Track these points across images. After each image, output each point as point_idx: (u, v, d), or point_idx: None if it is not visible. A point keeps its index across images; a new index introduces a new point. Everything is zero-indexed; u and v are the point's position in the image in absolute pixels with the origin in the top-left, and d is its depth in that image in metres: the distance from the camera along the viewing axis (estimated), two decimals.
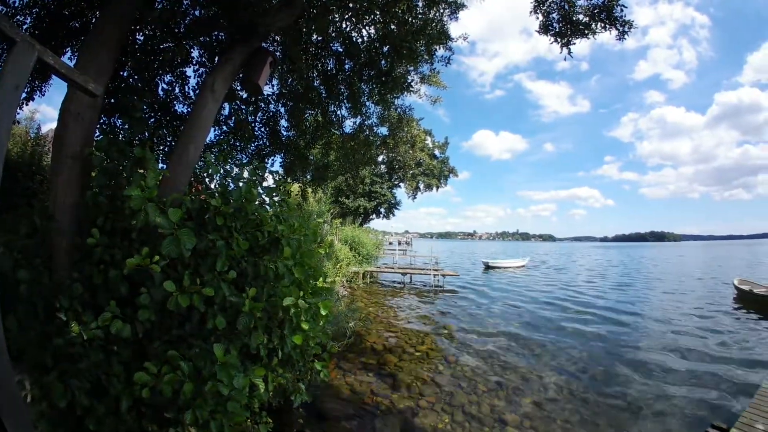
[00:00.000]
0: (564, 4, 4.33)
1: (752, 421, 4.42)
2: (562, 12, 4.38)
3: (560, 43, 4.50)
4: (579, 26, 4.32)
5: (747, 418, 4.54)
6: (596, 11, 4.19)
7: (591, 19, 4.25)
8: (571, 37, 4.43)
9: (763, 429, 4.24)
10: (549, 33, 4.58)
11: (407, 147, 10.08)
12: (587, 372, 7.34)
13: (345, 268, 15.06)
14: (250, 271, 2.96)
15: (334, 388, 6.00)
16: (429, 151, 27.55)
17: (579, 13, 4.33)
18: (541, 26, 4.62)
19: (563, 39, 4.47)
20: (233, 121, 5.80)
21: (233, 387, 2.28)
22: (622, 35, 4.20)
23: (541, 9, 4.51)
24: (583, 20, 4.31)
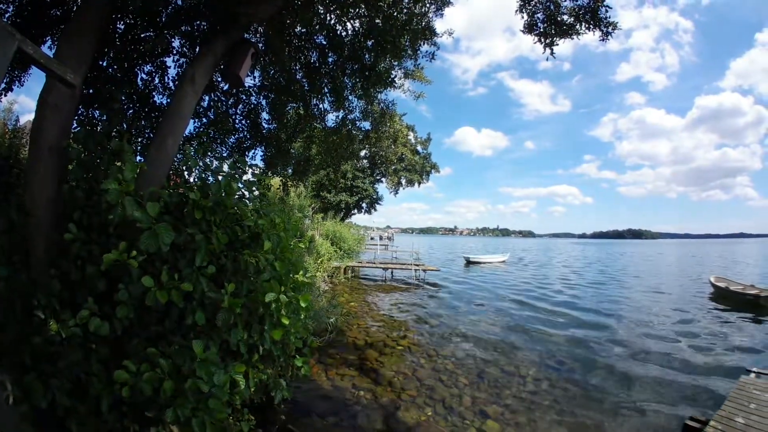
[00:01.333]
0: (549, 4, 4.37)
1: (731, 414, 4.48)
2: (548, 12, 4.42)
3: (544, 43, 4.54)
4: (563, 27, 4.37)
5: (725, 411, 4.59)
6: (581, 12, 4.24)
7: (575, 20, 4.30)
8: (556, 38, 4.48)
9: (742, 422, 4.30)
10: (533, 33, 4.62)
11: (390, 142, 10.04)
12: (566, 364, 7.56)
13: (326, 263, 15.00)
14: (230, 266, 2.91)
15: (316, 384, 5.99)
16: (411, 147, 27.62)
17: (564, 13, 4.38)
18: (525, 26, 4.65)
19: (547, 39, 4.51)
20: (213, 113, 5.65)
21: (213, 384, 2.25)
22: (605, 36, 4.27)
23: (527, 9, 4.54)
24: (567, 21, 4.36)
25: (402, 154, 23.89)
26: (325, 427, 4.65)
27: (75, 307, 2.37)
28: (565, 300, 15.16)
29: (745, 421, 4.32)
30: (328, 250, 16.27)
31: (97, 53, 3.89)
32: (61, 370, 2.33)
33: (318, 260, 13.55)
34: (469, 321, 11.09)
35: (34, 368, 2.33)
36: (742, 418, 4.39)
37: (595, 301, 15.21)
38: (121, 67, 4.52)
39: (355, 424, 4.82)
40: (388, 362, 7.20)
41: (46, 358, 2.33)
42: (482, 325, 10.58)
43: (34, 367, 2.33)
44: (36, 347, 2.31)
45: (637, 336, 9.76)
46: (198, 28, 4.87)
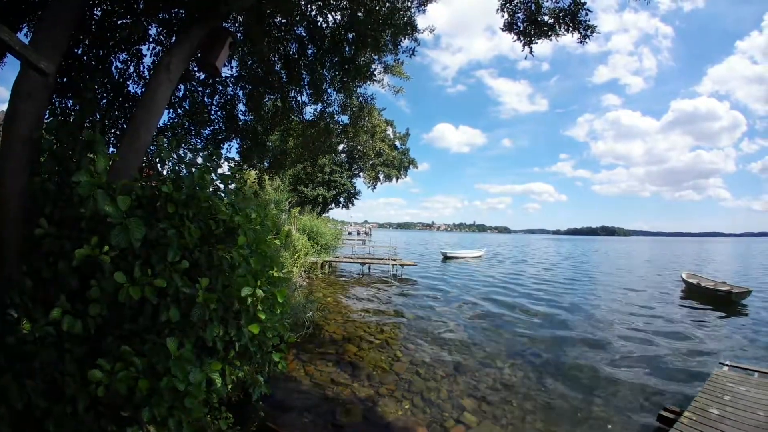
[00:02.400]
0: (531, 4, 4.44)
1: (705, 406, 4.61)
2: (528, 12, 4.49)
3: (523, 42, 4.62)
4: (543, 27, 4.45)
5: (700, 402, 4.71)
6: (561, 14, 4.32)
7: (555, 21, 4.39)
8: (535, 37, 4.56)
9: (717, 413, 4.41)
10: (513, 31, 4.69)
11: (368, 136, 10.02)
12: (542, 357, 7.78)
13: (303, 259, 14.85)
14: (204, 261, 2.84)
15: (294, 380, 5.94)
16: (390, 142, 27.62)
17: (544, 14, 4.46)
18: (505, 24, 4.71)
19: (526, 38, 4.59)
20: (188, 103, 5.46)
21: (189, 382, 2.19)
22: (584, 39, 4.37)
23: (507, 7, 4.60)
24: (547, 21, 4.44)
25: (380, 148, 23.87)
26: (304, 422, 4.63)
27: (48, 305, 2.27)
28: (540, 295, 15.59)
29: (719, 412, 4.44)
30: (305, 245, 16.10)
31: (73, 40, 3.72)
32: (35, 371, 2.24)
33: (295, 255, 13.39)
34: (445, 315, 11.25)
35: (9, 369, 2.23)
36: (716, 409, 4.51)
37: (569, 295, 15.71)
38: (96, 55, 4.33)
39: (334, 419, 4.81)
40: (366, 356, 7.23)
41: (21, 359, 2.23)
42: (459, 319, 10.76)
43: (9, 367, 2.23)
44: (10, 347, 2.21)
45: (610, 330, 10.09)
46: (176, 16, 4.71)
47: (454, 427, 4.83)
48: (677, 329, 10.36)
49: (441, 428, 4.80)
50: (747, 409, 4.50)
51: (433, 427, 4.82)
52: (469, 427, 4.87)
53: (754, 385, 5.13)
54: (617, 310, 12.81)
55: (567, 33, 4.44)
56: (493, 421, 5.04)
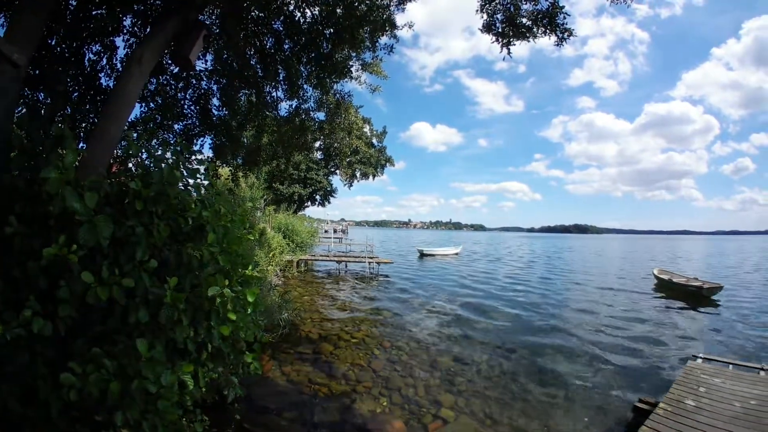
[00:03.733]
0: (510, 6, 4.51)
1: (681, 397, 4.68)
2: (507, 14, 4.56)
3: (501, 43, 4.69)
4: (521, 29, 4.53)
5: (674, 394, 4.78)
6: (539, 16, 4.41)
7: (533, 24, 4.47)
8: (513, 39, 4.63)
9: (693, 404, 4.48)
10: (491, 32, 4.75)
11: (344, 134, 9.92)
12: (518, 352, 7.94)
13: (278, 257, 14.62)
14: (173, 259, 2.74)
15: (271, 380, 5.84)
16: (367, 140, 27.53)
17: (523, 16, 4.53)
18: (484, 25, 4.77)
19: (504, 39, 4.66)
20: (161, 97, 5.25)
21: (161, 385, 2.12)
22: (561, 41, 4.48)
23: (487, 9, 4.65)
24: (525, 23, 4.52)
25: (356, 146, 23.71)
26: (281, 423, 4.56)
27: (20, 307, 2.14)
28: (515, 291, 15.92)
29: (695, 403, 4.53)
30: (280, 243, 15.86)
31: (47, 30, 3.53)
32: (9, 375, 2.11)
33: (269, 254, 13.17)
34: (422, 312, 11.34)
35: None
36: (692, 400, 4.60)
37: (543, 291, 16.13)
38: (70, 46, 4.13)
39: (311, 419, 4.76)
40: (343, 355, 7.19)
41: None
42: (435, 316, 10.87)
43: None
44: None
45: (583, 325, 10.34)
46: (151, 7, 4.53)
47: (432, 423, 4.86)
48: (650, 323, 10.64)
49: (419, 424, 4.83)
50: (723, 400, 4.59)
51: (411, 423, 4.84)
52: (447, 422, 4.92)
53: (729, 377, 5.27)
54: (590, 306, 13.13)
55: (545, 35, 4.54)
56: (470, 415, 5.11)
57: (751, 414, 4.26)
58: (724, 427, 3.97)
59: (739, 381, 5.17)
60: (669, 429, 3.96)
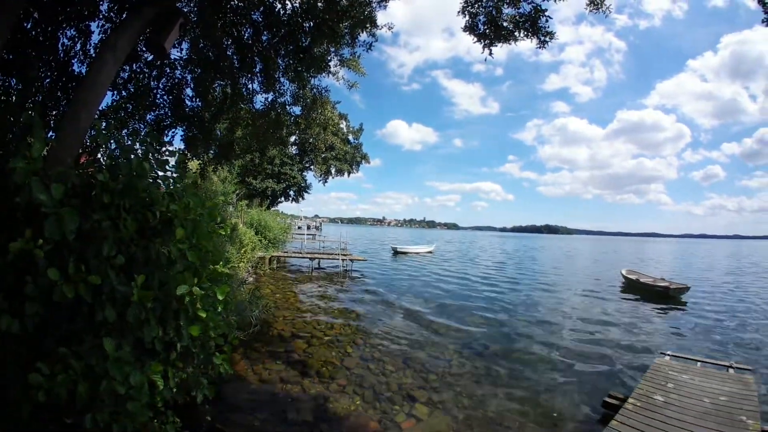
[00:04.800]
0: (492, 9, 4.56)
1: (649, 392, 4.76)
2: (490, 16, 4.61)
3: (483, 45, 4.73)
4: (503, 31, 4.59)
5: (643, 389, 4.87)
6: (522, 19, 4.48)
7: (515, 27, 4.54)
8: (495, 41, 4.69)
9: (662, 400, 4.56)
10: (474, 33, 4.79)
11: (320, 129, 9.80)
12: (490, 349, 8.09)
13: (250, 253, 14.30)
14: (140, 255, 2.62)
15: (243, 380, 5.70)
16: (343, 136, 27.34)
17: (505, 19, 4.59)
18: (466, 25, 4.80)
19: (486, 41, 4.71)
20: (133, 85, 5.00)
21: (130, 385, 2.03)
22: (542, 44, 4.56)
23: (469, 10, 4.69)
24: (507, 26, 4.58)
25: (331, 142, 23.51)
26: (254, 423, 4.45)
27: None
28: (487, 289, 16.22)
29: (664, 399, 4.61)
30: (252, 239, 15.50)
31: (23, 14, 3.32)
32: None
33: (241, 250, 12.85)
34: (395, 309, 11.39)
35: None
36: (660, 396, 4.69)
37: (514, 290, 16.47)
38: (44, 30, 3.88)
39: (285, 418, 4.68)
40: (316, 353, 7.12)
41: None
42: (408, 314, 10.94)
43: None
44: None
45: (553, 323, 10.61)
46: None
47: (405, 421, 4.89)
48: (617, 322, 10.97)
49: (392, 422, 4.84)
50: (692, 396, 4.69)
51: (385, 422, 4.85)
52: (420, 419, 4.96)
53: (697, 374, 5.41)
54: (560, 304, 13.49)
55: (526, 38, 4.61)
56: (443, 412, 5.17)
57: (722, 410, 4.34)
58: (695, 422, 4.05)
59: (708, 378, 5.28)
60: (639, 423, 4.03)
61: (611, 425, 4.01)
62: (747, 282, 21.95)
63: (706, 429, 3.94)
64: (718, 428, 3.94)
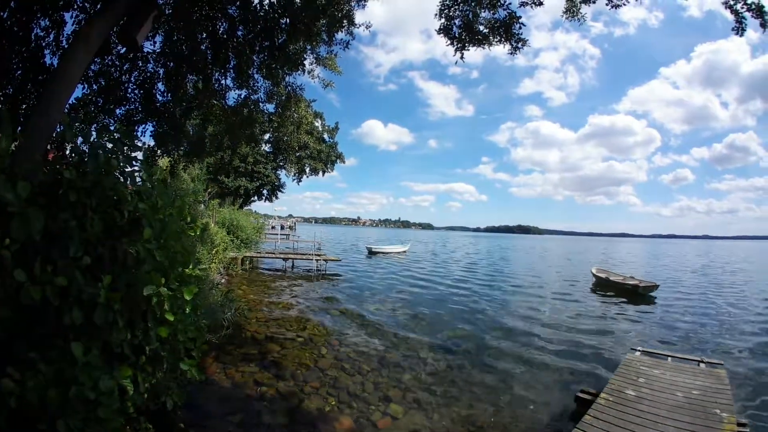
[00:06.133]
0: (468, 13, 4.63)
1: (621, 387, 4.81)
2: (465, 20, 4.68)
3: (456, 48, 4.81)
4: (477, 36, 4.67)
5: (615, 384, 4.91)
6: (496, 25, 4.58)
7: (490, 32, 4.63)
8: (468, 44, 4.77)
9: (634, 394, 4.61)
10: (448, 36, 4.85)
11: (293, 128, 9.67)
12: (463, 347, 8.22)
13: (221, 254, 13.92)
14: (107, 256, 2.51)
15: (216, 383, 5.55)
16: (318, 135, 27.07)
17: (480, 23, 4.68)
18: (441, 28, 4.86)
19: (460, 44, 4.79)
20: (104, 79, 4.76)
21: (100, 391, 1.94)
22: (515, 50, 4.68)
23: (446, 13, 4.75)
24: (482, 31, 4.67)
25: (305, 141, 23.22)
26: (228, 429, 4.33)
27: None
28: (461, 288, 16.46)
29: (636, 393, 4.65)
30: (224, 239, 15.10)
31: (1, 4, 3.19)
32: None
33: (212, 250, 12.50)
34: (369, 310, 11.38)
35: None
36: (632, 390, 4.72)
37: (487, 288, 16.79)
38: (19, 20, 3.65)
39: (259, 422, 4.59)
40: (290, 355, 7.01)
41: None
42: (382, 314, 10.97)
43: None
44: None
45: (526, 320, 10.84)
46: None
47: (381, 420, 4.90)
48: (588, 319, 11.30)
49: (368, 422, 4.85)
50: (664, 390, 4.74)
51: (360, 421, 4.85)
52: (396, 418, 4.99)
53: (668, 369, 5.48)
54: (532, 302, 13.78)
55: (500, 44, 4.71)
56: (418, 410, 5.22)
57: (696, 403, 4.38)
58: (669, 415, 4.09)
59: (679, 372, 5.35)
60: (612, 417, 4.06)
61: (584, 420, 4.02)
62: (714, 280, 22.91)
63: (680, 422, 3.97)
64: (692, 421, 3.97)
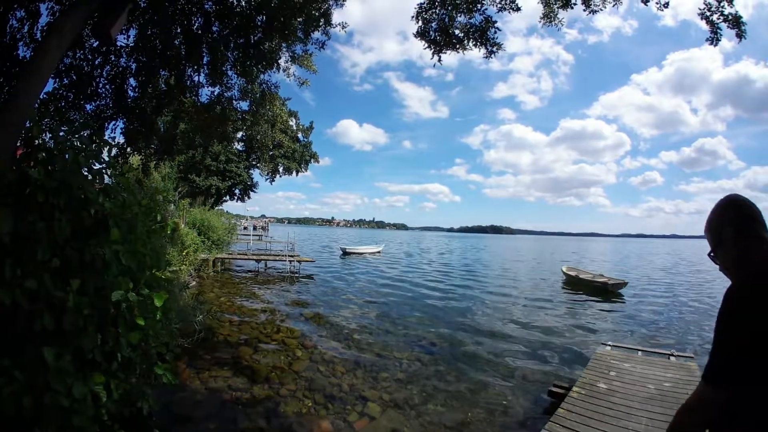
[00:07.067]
0: (445, 17, 4.70)
1: (593, 381, 4.89)
2: (442, 24, 4.75)
3: (433, 51, 4.88)
4: (453, 39, 4.75)
5: (586, 378, 4.99)
6: (472, 29, 4.67)
7: (465, 36, 4.72)
8: (444, 48, 4.85)
9: (605, 387, 4.69)
10: (425, 39, 4.91)
11: (267, 126, 9.53)
12: (438, 345, 8.32)
13: (192, 256, 13.51)
14: (75, 258, 2.41)
15: (189, 389, 5.39)
16: (292, 134, 26.69)
17: (456, 27, 4.76)
18: (419, 31, 4.92)
19: (436, 47, 4.85)
20: (75, 73, 4.52)
21: (74, 398, 1.86)
22: (489, 54, 4.78)
23: (422, 16, 4.80)
24: (458, 35, 4.75)
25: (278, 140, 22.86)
26: None
27: None
28: (435, 288, 16.65)
29: (608, 386, 4.74)
30: (195, 240, 14.66)
31: None
32: None
33: (183, 252, 12.11)
34: (344, 310, 11.34)
35: None
36: (604, 384, 4.81)
37: (461, 287, 17.03)
38: None
39: (235, 427, 4.50)
40: (264, 358, 6.90)
41: None
42: (356, 315, 10.94)
43: None
44: None
45: (499, 318, 11.07)
46: None
47: (358, 421, 4.90)
48: (559, 316, 11.65)
49: (345, 423, 4.84)
50: (636, 383, 4.81)
51: (337, 423, 4.83)
52: (373, 417, 5.00)
53: (639, 362, 5.63)
54: (505, 301, 14.09)
55: (475, 48, 4.81)
56: (395, 409, 5.25)
57: (668, 395, 4.44)
58: (641, 407, 4.16)
59: (650, 366, 5.45)
60: (584, 410, 4.14)
61: (558, 413, 4.10)
62: (681, 277, 24.08)
63: (653, 413, 4.04)
64: (664, 413, 4.01)
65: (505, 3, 4.61)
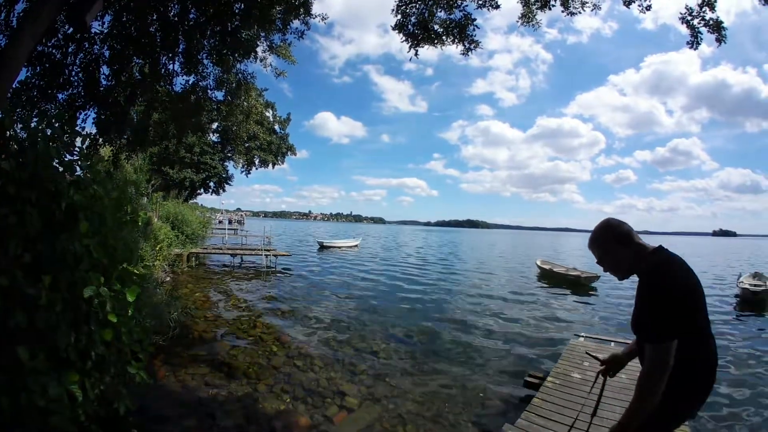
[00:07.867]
0: (425, 11, 4.71)
1: (567, 371, 4.97)
2: (421, 18, 4.76)
3: (410, 44, 4.88)
4: (432, 34, 4.77)
5: (561, 368, 5.08)
6: (451, 25, 4.69)
7: (444, 31, 4.74)
8: (422, 42, 4.86)
9: (579, 377, 4.78)
10: (403, 32, 4.91)
11: (243, 117, 9.34)
12: (415, 339, 8.43)
13: (166, 250, 13.13)
14: (48, 253, 2.32)
15: (166, 387, 5.27)
16: (269, 125, 26.19)
17: (436, 23, 4.77)
18: (397, 24, 4.91)
19: (414, 41, 4.86)
20: (48, 61, 4.26)
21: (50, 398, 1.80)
22: (467, 51, 4.83)
23: (402, 10, 4.80)
24: (437, 30, 4.77)
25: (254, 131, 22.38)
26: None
27: None
28: (411, 279, 16.85)
29: (581, 376, 4.84)
30: (168, 234, 14.24)
31: None
32: None
33: (156, 247, 11.75)
34: (320, 305, 11.30)
35: None
36: (578, 373, 4.92)
37: (437, 280, 17.30)
38: None
39: (214, 424, 4.44)
40: (241, 354, 6.81)
41: None
42: (334, 309, 10.93)
43: None
44: None
45: (474, 311, 11.25)
46: None
47: (337, 414, 4.93)
48: (533, 308, 11.93)
49: (324, 417, 4.86)
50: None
51: (316, 417, 4.84)
52: (351, 410, 5.04)
53: (611, 352, 5.90)
54: (481, 293, 14.39)
55: (453, 44, 4.84)
56: (373, 401, 5.31)
57: None
58: (614, 395, 4.20)
59: None
60: (559, 399, 4.28)
61: (533, 402, 4.24)
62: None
63: (626, 402, 4.14)
64: None
65: (485, 0, 4.66)
